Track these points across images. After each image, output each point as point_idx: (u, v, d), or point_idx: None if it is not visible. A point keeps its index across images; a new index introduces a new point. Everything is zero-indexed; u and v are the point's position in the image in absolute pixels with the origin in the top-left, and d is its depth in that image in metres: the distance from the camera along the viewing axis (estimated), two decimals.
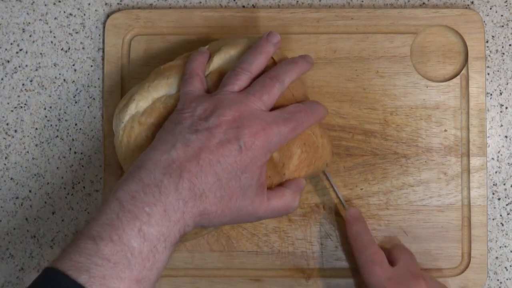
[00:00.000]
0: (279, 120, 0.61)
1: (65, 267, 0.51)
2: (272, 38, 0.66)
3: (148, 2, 0.77)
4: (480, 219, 0.73)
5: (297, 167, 0.65)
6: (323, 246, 0.74)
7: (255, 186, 0.60)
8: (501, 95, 0.76)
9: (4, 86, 0.76)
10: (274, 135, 0.60)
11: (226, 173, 0.58)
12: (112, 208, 0.54)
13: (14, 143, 0.76)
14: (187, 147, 0.57)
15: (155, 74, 0.68)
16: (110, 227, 0.53)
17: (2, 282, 0.75)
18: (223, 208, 0.58)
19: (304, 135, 0.65)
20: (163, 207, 0.54)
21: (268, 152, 0.60)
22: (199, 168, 0.57)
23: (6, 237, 0.76)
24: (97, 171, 0.76)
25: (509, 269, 0.75)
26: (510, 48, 0.76)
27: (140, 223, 0.53)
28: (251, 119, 0.59)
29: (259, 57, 0.64)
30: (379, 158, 0.74)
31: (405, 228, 0.74)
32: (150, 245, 0.53)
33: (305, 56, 0.67)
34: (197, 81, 0.64)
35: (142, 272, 0.53)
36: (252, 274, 0.74)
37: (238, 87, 0.62)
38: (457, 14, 0.74)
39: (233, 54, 0.67)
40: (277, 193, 0.63)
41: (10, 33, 0.77)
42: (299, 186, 0.65)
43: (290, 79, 0.64)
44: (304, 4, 0.77)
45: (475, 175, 0.73)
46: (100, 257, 0.51)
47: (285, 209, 0.64)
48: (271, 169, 0.63)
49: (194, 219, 0.57)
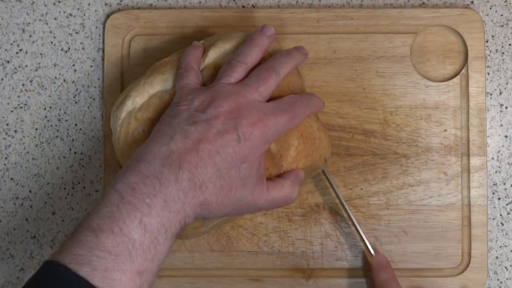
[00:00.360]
0: (276, 111, 0.61)
1: (66, 260, 0.51)
2: (266, 31, 0.66)
3: (148, 2, 0.77)
4: (480, 219, 0.73)
5: (295, 158, 0.65)
6: (323, 246, 0.74)
7: (254, 176, 0.61)
8: (501, 94, 0.76)
9: (4, 86, 0.76)
10: (272, 125, 0.60)
11: (226, 163, 0.58)
12: (112, 200, 0.54)
13: (14, 144, 0.76)
14: (186, 138, 0.57)
15: (150, 71, 0.68)
16: (110, 219, 0.53)
17: (2, 282, 0.76)
18: (223, 198, 0.59)
19: (301, 127, 0.65)
20: (163, 198, 0.54)
21: (267, 142, 0.61)
22: (199, 159, 0.57)
23: (6, 237, 0.76)
24: (97, 171, 0.76)
25: (509, 269, 0.75)
26: (510, 48, 0.76)
27: (140, 215, 0.53)
28: (249, 109, 0.60)
29: (254, 50, 0.64)
30: (379, 158, 0.74)
31: (405, 228, 0.74)
32: (151, 236, 0.53)
33: (299, 48, 0.68)
34: (192, 75, 0.64)
35: (143, 263, 0.53)
36: (252, 274, 0.74)
37: (234, 79, 0.63)
38: (457, 14, 0.74)
39: (228, 48, 0.67)
40: (276, 183, 0.63)
41: (10, 33, 0.77)
42: (298, 177, 0.65)
43: (285, 71, 0.64)
44: (304, 4, 0.77)
45: (475, 175, 0.74)
46: (101, 250, 0.51)
47: (285, 199, 0.64)
48: (269, 160, 0.63)
49: (194, 210, 0.57)
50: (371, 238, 0.73)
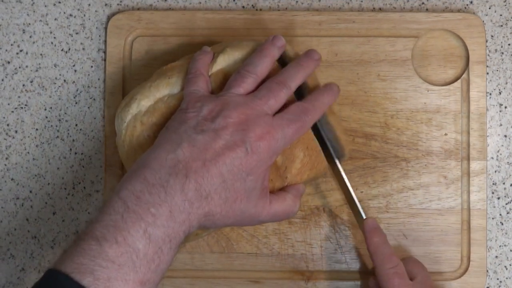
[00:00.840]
0: (284, 122, 0.61)
1: (68, 269, 0.51)
2: (277, 42, 0.65)
3: (148, 3, 0.77)
4: (480, 223, 0.74)
5: (299, 170, 0.65)
6: (323, 248, 0.74)
7: (259, 189, 0.61)
8: (500, 94, 0.76)
9: (5, 87, 0.76)
10: (279, 138, 0.60)
11: (232, 175, 0.58)
12: (116, 208, 0.54)
13: (15, 144, 0.76)
14: (193, 147, 0.57)
15: (157, 74, 0.68)
16: (114, 228, 0.53)
17: (3, 282, 0.76)
18: (228, 210, 0.59)
19: (306, 139, 0.65)
20: (168, 208, 0.54)
21: (274, 155, 0.61)
22: (205, 169, 0.57)
23: (7, 237, 0.76)
24: (97, 172, 0.76)
25: (508, 268, 0.76)
26: (509, 48, 0.76)
27: (145, 225, 0.53)
28: (257, 122, 0.60)
29: (264, 60, 0.64)
30: (380, 161, 0.74)
31: (404, 231, 0.74)
32: (155, 246, 0.53)
33: (311, 54, 0.66)
34: (201, 81, 0.64)
35: (147, 274, 0.53)
36: (252, 276, 0.74)
37: (244, 90, 0.62)
38: (459, 18, 0.74)
39: (238, 56, 0.66)
40: (279, 197, 0.63)
41: (11, 34, 0.77)
42: (299, 191, 0.66)
43: (296, 84, 0.64)
44: (304, 5, 0.77)
45: (475, 179, 0.74)
46: (104, 259, 0.51)
47: (286, 213, 0.64)
48: (273, 172, 0.63)
49: (198, 220, 0.57)
50: None
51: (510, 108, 0.76)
